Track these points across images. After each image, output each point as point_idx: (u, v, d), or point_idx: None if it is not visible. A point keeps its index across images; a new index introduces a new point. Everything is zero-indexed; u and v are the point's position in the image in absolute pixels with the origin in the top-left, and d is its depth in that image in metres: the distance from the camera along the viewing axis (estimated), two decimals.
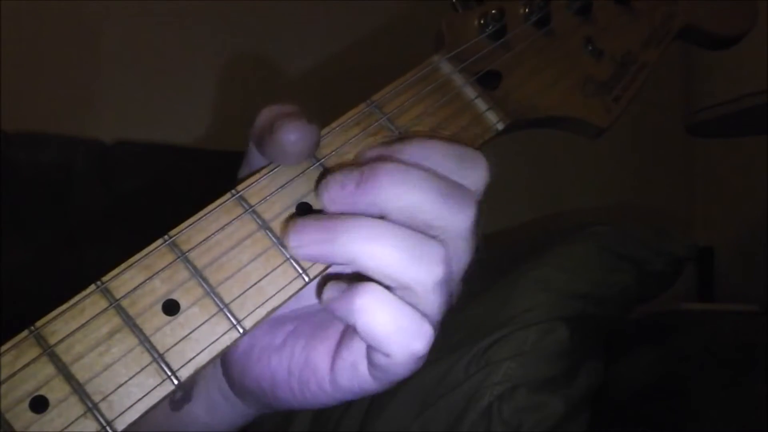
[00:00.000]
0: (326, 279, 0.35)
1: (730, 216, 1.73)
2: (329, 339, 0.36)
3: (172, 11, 1.34)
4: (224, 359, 0.39)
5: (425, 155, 0.34)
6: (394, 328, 0.31)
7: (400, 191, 0.32)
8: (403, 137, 0.35)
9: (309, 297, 0.37)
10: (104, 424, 0.30)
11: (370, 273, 0.32)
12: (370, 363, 0.33)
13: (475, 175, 0.34)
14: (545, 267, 0.80)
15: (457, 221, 0.33)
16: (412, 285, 0.32)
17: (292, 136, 0.34)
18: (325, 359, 0.35)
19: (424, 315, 0.32)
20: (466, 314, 0.78)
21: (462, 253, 0.34)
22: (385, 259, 0.32)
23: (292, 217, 0.34)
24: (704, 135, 1.38)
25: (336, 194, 0.34)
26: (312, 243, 0.33)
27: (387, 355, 0.32)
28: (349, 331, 0.35)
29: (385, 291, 0.32)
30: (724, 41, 0.49)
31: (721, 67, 1.26)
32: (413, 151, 0.34)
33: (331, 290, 0.33)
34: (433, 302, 0.32)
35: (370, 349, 0.33)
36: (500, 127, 0.39)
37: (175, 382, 0.32)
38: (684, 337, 1.00)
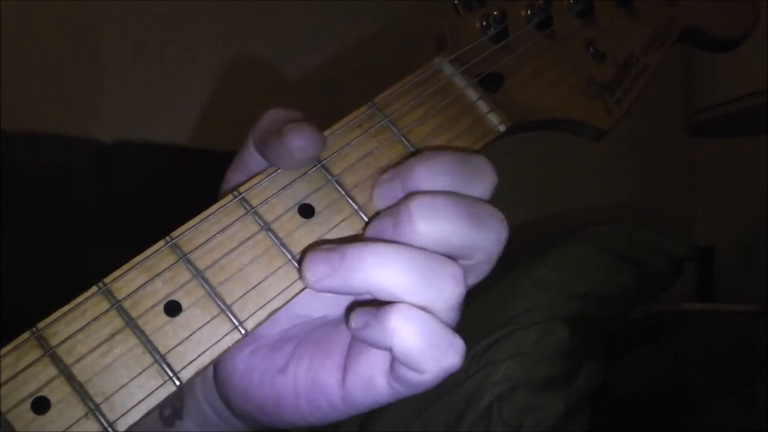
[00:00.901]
0: (352, 306, 0.35)
1: (730, 216, 1.73)
2: (334, 355, 0.35)
3: (172, 12, 1.34)
4: (222, 385, 0.39)
5: (433, 174, 0.34)
6: (428, 345, 0.31)
7: (433, 225, 0.33)
8: (409, 160, 0.35)
9: (305, 311, 0.37)
10: (106, 425, 0.31)
11: (387, 298, 0.32)
12: (396, 378, 0.33)
13: (484, 182, 0.35)
14: (545, 267, 0.80)
15: (487, 241, 0.33)
16: (429, 307, 0.32)
17: (301, 141, 0.34)
18: (334, 376, 0.35)
19: (454, 330, 0.32)
20: (466, 314, 0.78)
21: (485, 270, 0.35)
22: (397, 284, 0.32)
23: (310, 247, 0.34)
24: (704, 135, 1.38)
25: (378, 234, 0.34)
26: (325, 276, 0.33)
27: (420, 372, 0.32)
28: (357, 345, 0.34)
29: (415, 309, 0.31)
30: (726, 44, 0.49)
31: (721, 67, 1.26)
32: (421, 174, 0.34)
33: (359, 317, 0.33)
34: (452, 320, 0.33)
35: (399, 366, 0.32)
36: (502, 129, 0.39)
37: (177, 383, 0.32)
38: (684, 337, 1.00)
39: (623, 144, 1.67)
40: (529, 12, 0.42)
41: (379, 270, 0.32)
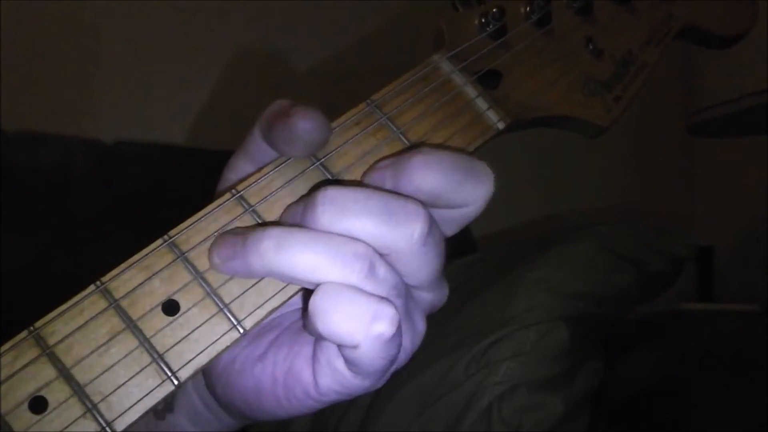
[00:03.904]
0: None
1: (730, 216, 1.73)
2: (310, 344, 0.35)
3: (172, 11, 1.34)
4: (207, 375, 0.39)
5: (427, 172, 0.33)
6: (348, 318, 0.31)
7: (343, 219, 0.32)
8: (407, 154, 0.34)
9: (290, 303, 0.37)
10: (104, 425, 0.30)
11: (297, 283, 0.33)
12: (345, 360, 0.33)
13: (481, 188, 0.34)
14: (545, 267, 0.80)
15: (399, 238, 0.32)
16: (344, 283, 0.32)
17: (309, 123, 0.33)
18: (309, 364, 0.35)
19: (382, 297, 0.31)
20: (466, 314, 0.78)
21: (417, 266, 0.33)
22: (301, 266, 0.31)
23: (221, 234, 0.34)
24: (704, 135, 1.38)
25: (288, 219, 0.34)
26: (227, 260, 0.33)
27: (354, 347, 0.31)
28: None
29: (332, 285, 0.31)
30: (725, 41, 0.49)
31: (721, 67, 1.26)
32: (415, 170, 0.33)
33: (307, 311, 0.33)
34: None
35: (340, 347, 0.33)
36: (500, 126, 0.39)
37: (175, 382, 0.32)
38: (684, 337, 1.00)
39: (623, 144, 1.67)
40: (528, 9, 0.42)
41: (279, 254, 0.31)
